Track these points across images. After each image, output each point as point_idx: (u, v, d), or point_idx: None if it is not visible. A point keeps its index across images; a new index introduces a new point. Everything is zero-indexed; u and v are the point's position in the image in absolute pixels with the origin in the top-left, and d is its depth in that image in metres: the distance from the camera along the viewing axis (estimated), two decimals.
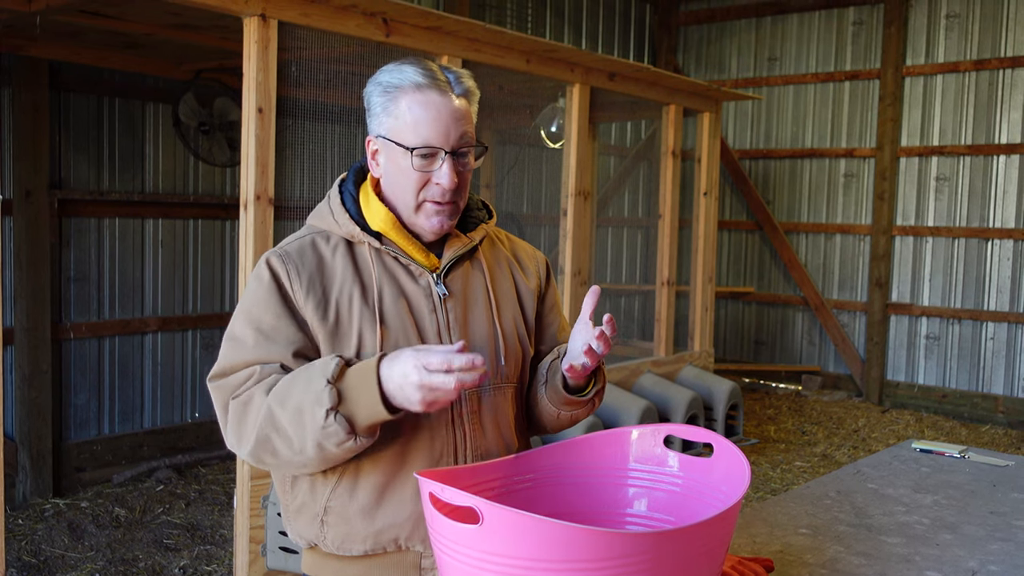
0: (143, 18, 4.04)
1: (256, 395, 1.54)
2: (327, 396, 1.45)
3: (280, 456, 1.53)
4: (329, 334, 1.60)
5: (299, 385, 1.49)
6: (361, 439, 1.49)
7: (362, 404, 1.46)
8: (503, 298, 1.77)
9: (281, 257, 1.63)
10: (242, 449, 1.57)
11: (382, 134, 1.65)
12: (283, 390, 1.51)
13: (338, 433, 1.46)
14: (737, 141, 8.89)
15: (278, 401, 1.50)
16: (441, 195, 1.63)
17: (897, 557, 1.95)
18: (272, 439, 1.52)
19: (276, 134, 3.55)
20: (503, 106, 5.97)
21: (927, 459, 2.75)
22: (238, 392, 1.56)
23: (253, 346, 1.58)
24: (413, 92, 1.61)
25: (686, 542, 1.35)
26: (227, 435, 1.60)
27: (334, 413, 1.45)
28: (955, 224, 7.66)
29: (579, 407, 1.73)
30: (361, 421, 1.47)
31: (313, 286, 1.61)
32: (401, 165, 1.63)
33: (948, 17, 7.66)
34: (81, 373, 5.24)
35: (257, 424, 1.52)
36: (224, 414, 1.59)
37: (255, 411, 1.53)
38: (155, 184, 5.54)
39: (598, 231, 7.92)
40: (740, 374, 8.57)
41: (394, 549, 1.64)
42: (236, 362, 1.59)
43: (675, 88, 6.02)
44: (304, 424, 1.48)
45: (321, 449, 1.49)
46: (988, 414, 7.46)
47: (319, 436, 1.47)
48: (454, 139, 1.62)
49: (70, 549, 4.29)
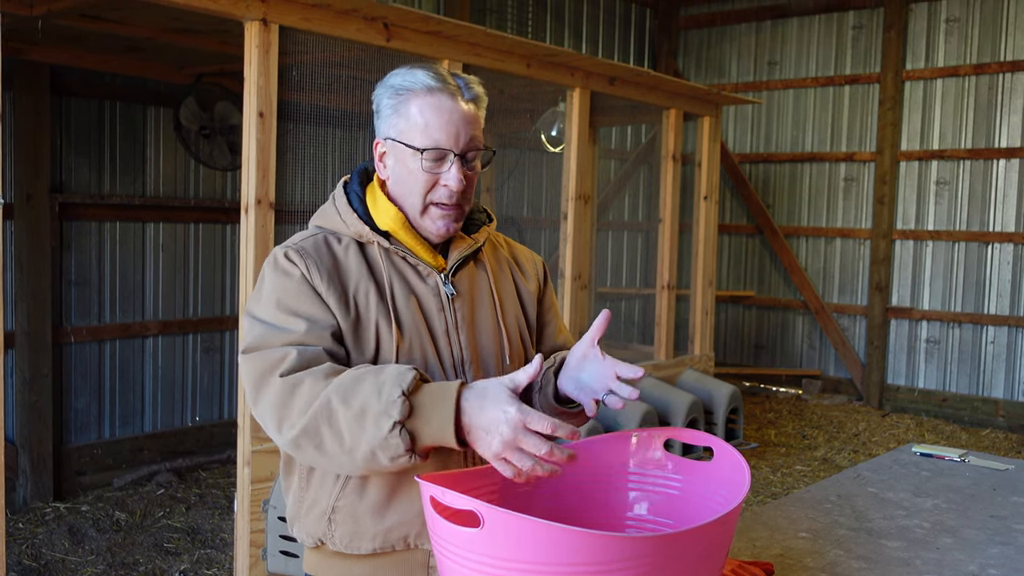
0: (144, 22, 4.05)
1: (308, 380, 1.48)
2: (398, 408, 1.41)
3: (325, 450, 1.48)
4: (351, 327, 1.59)
5: (367, 386, 1.44)
6: (416, 458, 1.44)
7: (432, 425, 1.42)
8: (506, 299, 1.78)
9: (298, 251, 1.62)
10: (283, 432, 1.50)
11: (392, 136, 1.66)
12: (348, 386, 1.45)
13: (398, 447, 1.41)
14: (737, 145, 8.90)
15: (340, 397, 1.45)
16: (448, 197, 1.64)
17: (897, 561, 1.95)
18: (323, 432, 1.46)
19: (277, 138, 3.56)
20: (503, 110, 5.98)
21: (927, 463, 2.75)
22: (284, 369, 1.49)
23: (295, 330, 1.54)
24: (424, 95, 1.62)
25: (686, 546, 1.35)
26: (261, 412, 1.53)
27: (400, 427, 1.41)
28: (955, 228, 7.66)
29: (566, 419, 1.70)
30: (424, 441, 1.43)
31: (333, 281, 1.60)
32: (410, 167, 1.64)
33: (948, 21, 7.68)
34: (82, 377, 5.24)
35: (309, 412, 1.47)
36: (259, 389, 1.52)
37: (306, 397, 1.47)
38: (156, 188, 5.55)
39: (598, 235, 7.92)
40: (740, 378, 8.57)
41: (403, 547, 1.64)
42: (272, 340, 1.54)
43: (675, 92, 6.02)
44: (365, 428, 1.42)
45: (373, 457, 1.44)
46: (988, 418, 7.46)
47: (377, 444, 1.42)
48: (463, 142, 1.63)
49: (70, 553, 4.29)
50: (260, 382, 1.52)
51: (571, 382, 1.63)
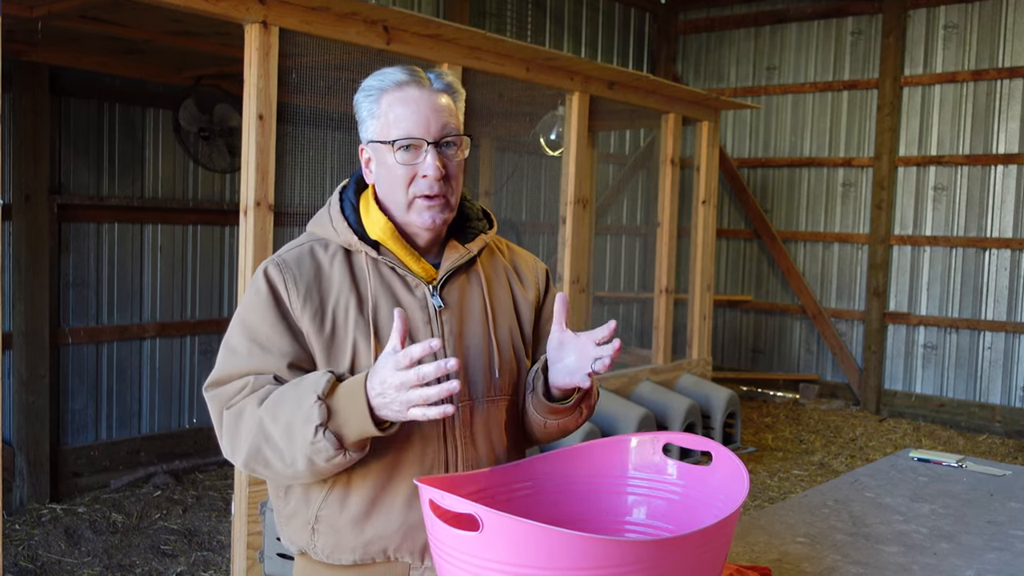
0: (144, 24, 4.05)
1: (248, 407, 1.55)
2: (316, 412, 1.46)
3: (272, 468, 1.55)
4: (325, 344, 1.60)
5: (290, 400, 1.51)
6: (351, 454, 1.51)
7: (351, 420, 1.47)
8: (499, 310, 1.76)
9: (279, 266, 1.63)
10: (236, 459, 1.59)
11: (370, 138, 1.67)
12: (274, 404, 1.52)
13: (327, 449, 1.47)
14: (736, 150, 8.91)
15: (270, 415, 1.52)
16: (429, 187, 1.62)
17: (895, 566, 1.95)
18: (264, 451, 1.54)
19: (276, 141, 3.56)
20: (503, 114, 5.98)
21: (924, 468, 2.75)
22: (232, 403, 1.58)
23: (247, 356, 1.59)
24: (394, 90, 1.63)
25: (685, 550, 1.35)
26: (223, 444, 1.62)
27: (323, 429, 1.46)
28: (953, 233, 7.68)
29: (563, 415, 1.71)
30: (349, 437, 1.48)
31: (310, 296, 1.61)
32: (388, 163, 1.64)
33: (946, 27, 7.69)
34: (79, 378, 5.24)
35: (250, 436, 1.54)
36: (219, 423, 1.60)
37: (247, 423, 1.54)
38: (155, 189, 5.55)
39: (597, 239, 7.92)
40: (738, 382, 8.57)
41: (383, 560, 1.64)
42: (231, 372, 1.60)
43: (674, 97, 6.03)
44: (294, 439, 1.49)
45: (311, 463, 1.50)
46: (985, 423, 7.47)
47: (309, 451, 1.49)
48: (435, 130, 1.62)
49: (67, 555, 4.28)
50: (218, 419, 1.61)
51: (560, 372, 1.64)
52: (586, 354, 1.57)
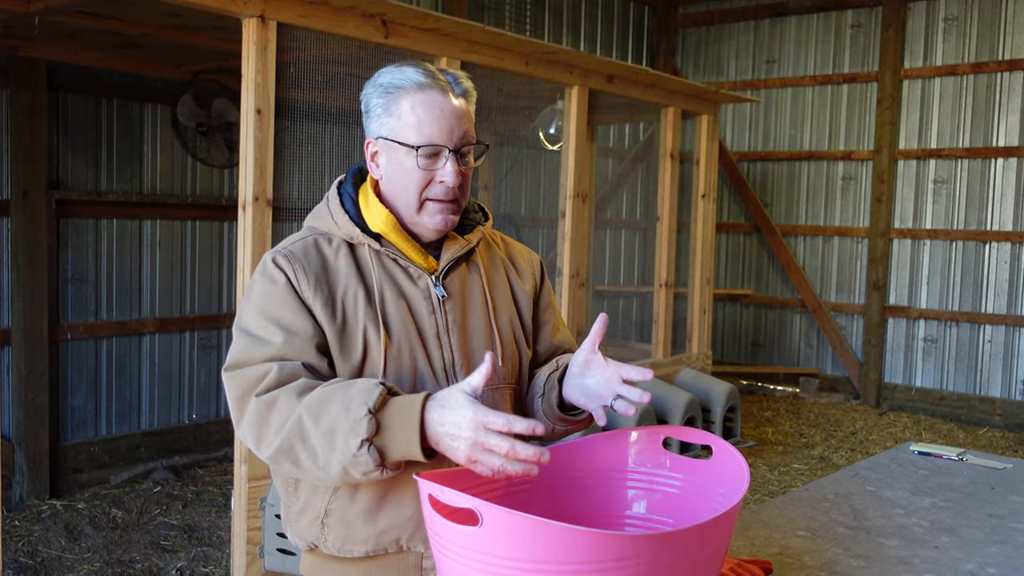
0: (141, 19, 4.04)
1: (282, 398, 1.49)
2: (364, 426, 1.42)
3: (301, 466, 1.50)
4: (337, 333, 1.59)
5: (336, 404, 1.45)
6: (388, 472, 1.47)
7: (399, 441, 1.43)
8: (499, 300, 1.77)
9: (287, 256, 1.62)
10: (261, 450, 1.54)
11: (384, 135, 1.65)
12: (318, 405, 1.47)
13: (367, 464, 1.43)
14: (735, 143, 8.90)
15: (311, 415, 1.46)
16: (445, 193, 1.63)
17: (895, 559, 1.95)
18: (297, 450, 1.49)
19: (275, 135, 3.55)
20: (502, 108, 5.97)
21: (925, 462, 2.75)
22: (260, 389, 1.52)
23: (272, 340, 1.55)
24: (415, 92, 1.62)
25: (685, 544, 1.35)
26: (243, 431, 1.55)
27: (368, 444, 1.42)
28: (953, 227, 7.67)
29: (572, 425, 1.73)
30: (392, 456, 1.45)
31: (320, 286, 1.61)
32: (404, 165, 1.63)
33: (946, 20, 7.68)
34: (78, 374, 5.23)
35: (284, 430, 1.49)
36: (240, 408, 1.55)
37: (281, 415, 1.49)
38: (153, 185, 5.54)
39: (596, 233, 7.91)
40: (738, 376, 8.57)
41: (395, 550, 1.64)
42: (254, 354, 1.55)
43: (673, 90, 6.02)
44: (335, 446, 1.44)
45: (346, 473, 1.46)
46: (986, 417, 7.47)
47: (347, 462, 1.44)
48: (457, 137, 1.63)
49: (67, 550, 4.28)
50: (241, 402, 1.54)
51: (577, 389, 1.64)
52: (609, 384, 1.57)
